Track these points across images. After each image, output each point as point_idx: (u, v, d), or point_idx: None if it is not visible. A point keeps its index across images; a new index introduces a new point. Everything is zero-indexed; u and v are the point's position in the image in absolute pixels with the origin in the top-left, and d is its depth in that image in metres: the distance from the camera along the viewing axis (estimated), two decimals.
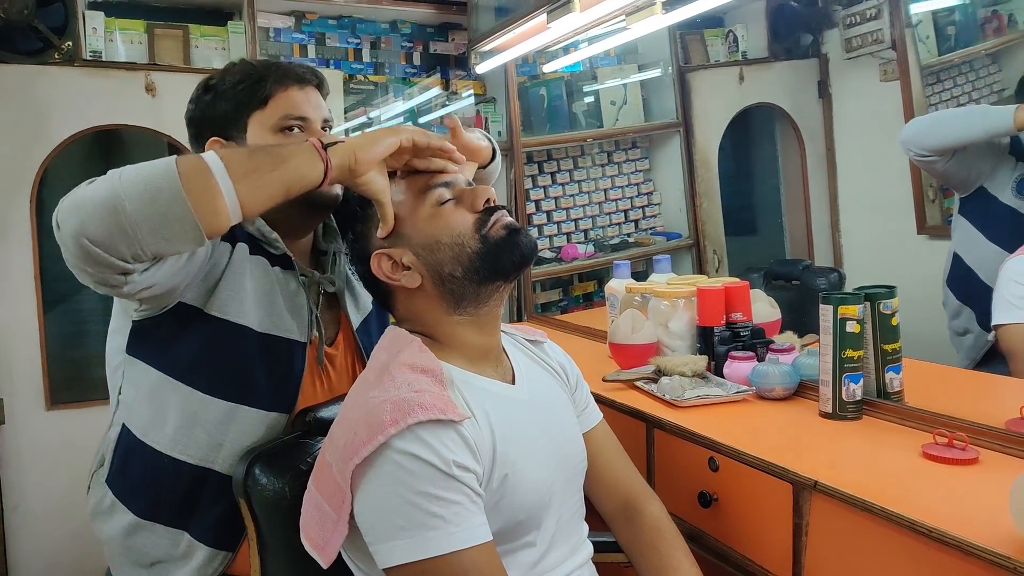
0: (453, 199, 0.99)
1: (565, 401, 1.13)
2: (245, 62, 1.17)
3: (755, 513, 1.17)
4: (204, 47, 2.45)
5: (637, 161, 3.20)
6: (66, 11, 2.15)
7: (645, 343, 1.68)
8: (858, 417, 1.32)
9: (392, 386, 0.90)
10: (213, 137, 1.13)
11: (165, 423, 1.08)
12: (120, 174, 0.84)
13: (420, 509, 0.83)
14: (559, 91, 2.93)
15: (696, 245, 3.12)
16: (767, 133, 3.48)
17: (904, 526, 0.92)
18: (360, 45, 2.68)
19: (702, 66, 3.12)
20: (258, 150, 0.98)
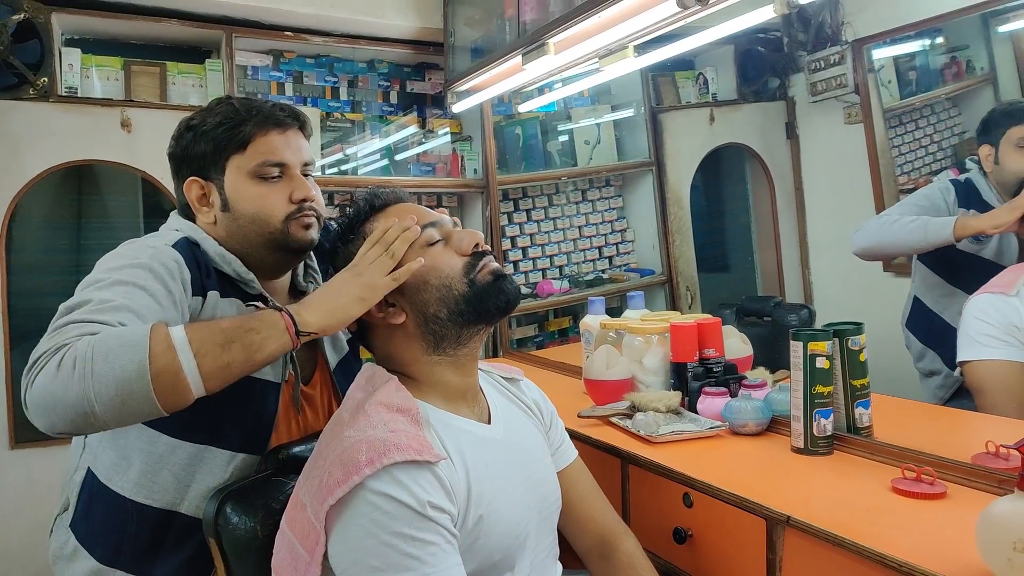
0: (442, 240, 1.00)
1: (540, 440, 1.14)
2: (227, 103, 1.16)
3: (729, 549, 1.17)
4: (181, 84, 2.46)
5: (611, 199, 3.25)
6: (42, 47, 2.16)
7: (620, 379, 1.69)
8: (829, 452, 1.33)
9: (368, 425, 0.89)
10: (192, 177, 1.13)
11: (129, 467, 1.07)
12: (92, 372, 0.81)
13: (395, 550, 0.83)
14: (534, 130, 2.98)
15: (669, 281, 3.16)
16: (738, 172, 3.57)
17: (875, 560, 0.93)
18: (337, 83, 2.71)
19: (674, 107, 3.20)
20: (233, 343, 0.90)
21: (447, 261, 0.98)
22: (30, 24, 2.13)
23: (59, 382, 0.81)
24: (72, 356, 0.82)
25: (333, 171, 2.69)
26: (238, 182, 1.11)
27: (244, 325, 0.92)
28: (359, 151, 2.73)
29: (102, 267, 0.99)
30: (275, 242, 1.12)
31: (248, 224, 1.11)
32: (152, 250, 1.02)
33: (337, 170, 2.70)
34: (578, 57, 1.94)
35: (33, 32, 2.14)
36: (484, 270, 0.99)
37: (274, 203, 1.11)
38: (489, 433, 1.02)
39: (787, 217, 3.37)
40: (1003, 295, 1.57)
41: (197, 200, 1.13)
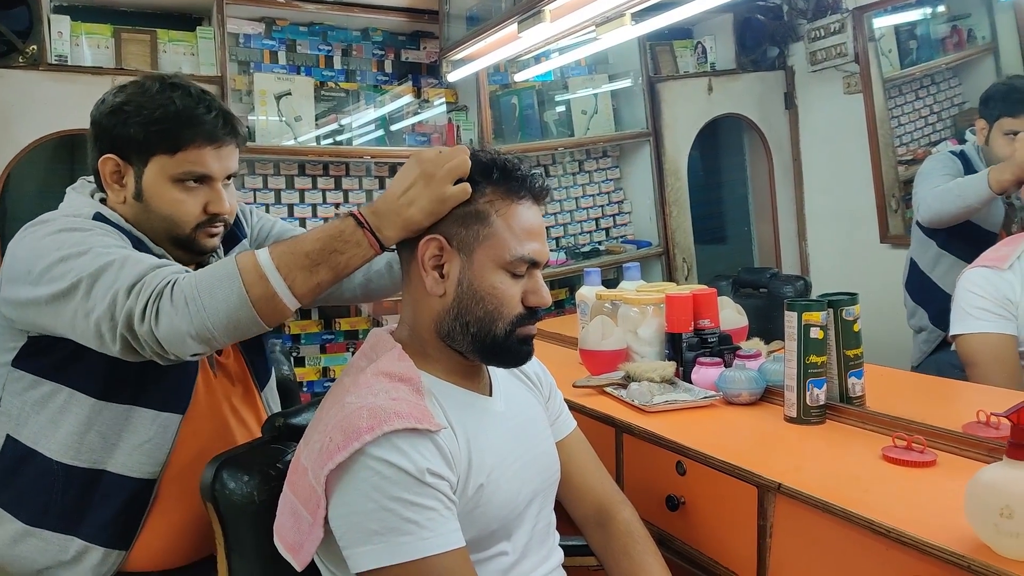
0: (524, 277, 0.98)
1: (540, 412, 1.14)
2: (168, 95, 1.12)
3: (721, 516, 1.19)
4: (172, 52, 2.44)
5: (608, 170, 3.24)
6: (31, 15, 2.13)
7: (614, 349, 1.70)
8: (821, 421, 1.34)
9: (369, 392, 0.90)
10: (109, 154, 1.12)
11: (57, 430, 1.11)
12: (203, 306, 0.94)
13: (394, 514, 0.84)
14: (531, 100, 2.96)
15: (666, 253, 3.16)
16: (735, 143, 3.55)
17: (864, 526, 0.94)
18: (331, 52, 2.69)
19: (671, 76, 3.17)
20: (319, 265, 0.97)
21: (509, 295, 0.96)
22: None
23: (181, 317, 0.94)
24: (181, 294, 0.95)
25: (328, 141, 2.67)
26: (158, 181, 1.12)
27: (329, 247, 0.97)
28: (353, 121, 2.71)
29: (69, 242, 1.02)
30: (180, 243, 1.16)
31: (158, 221, 1.14)
32: (87, 222, 1.08)
33: (332, 140, 2.68)
34: (574, 24, 1.92)
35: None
36: (525, 331, 0.99)
37: (188, 210, 1.13)
38: (490, 405, 1.03)
39: (784, 188, 3.36)
40: (997, 269, 1.58)
41: (110, 176, 1.13)
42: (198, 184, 1.13)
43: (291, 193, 2.62)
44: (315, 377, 2.67)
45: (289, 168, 2.61)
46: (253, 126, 2.52)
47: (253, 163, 2.54)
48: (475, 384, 1.03)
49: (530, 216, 0.98)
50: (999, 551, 0.82)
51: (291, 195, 2.62)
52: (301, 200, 2.63)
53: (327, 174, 2.67)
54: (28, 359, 1.12)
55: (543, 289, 0.99)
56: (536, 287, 0.99)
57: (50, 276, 1.01)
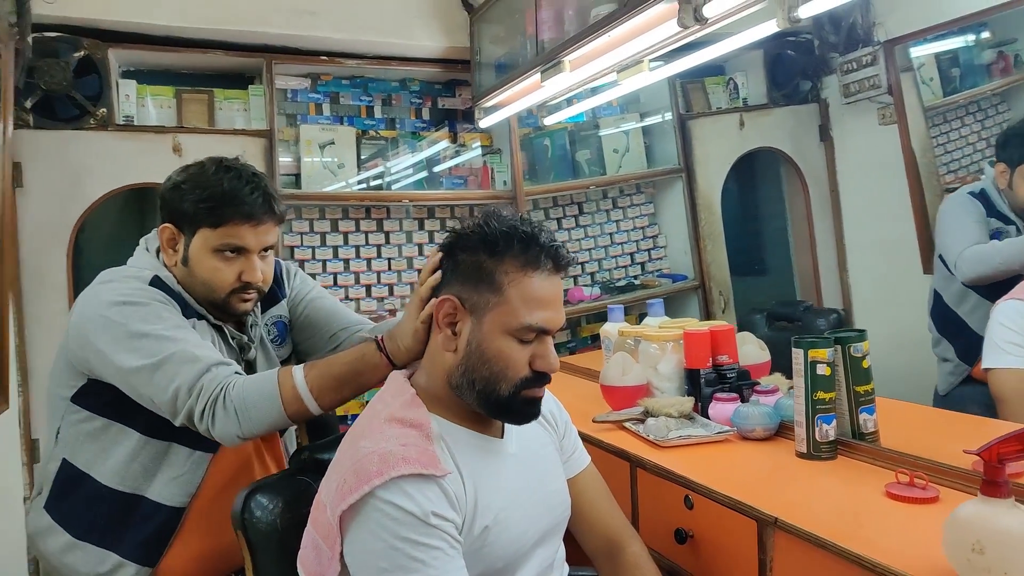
0: (532, 343, 1.03)
1: (552, 451, 1.19)
2: (217, 177, 1.28)
3: (726, 549, 1.23)
4: (227, 109, 2.62)
5: (642, 205, 3.30)
6: (101, 81, 2.33)
7: (634, 385, 1.75)
8: (832, 457, 1.37)
9: (381, 438, 0.97)
10: (167, 223, 1.31)
11: (108, 459, 1.28)
12: (248, 418, 1.17)
13: (401, 553, 0.91)
14: (563, 141, 3.05)
15: (702, 286, 3.19)
16: (773, 175, 3.56)
17: (852, 561, 0.98)
18: (372, 102, 2.84)
19: (702, 113, 3.23)
20: (345, 385, 1.20)
21: (515, 359, 1.02)
22: (89, 60, 2.31)
23: (232, 424, 1.17)
24: (232, 405, 1.16)
25: (370, 186, 2.81)
26: (201, 250, 1.29)
27: (354, 369, 1.19)
28: (393, 166, 2.85)
29: (134, 318, 1.21)
30: (216, 306, 1.33)
31: (199, 284, 1.31)
32: (146, 292, 1.26)
33: (373, 185, 2.82)
34: (593, 73, 2.01)
35: (92, 67, 2.32)
36: (531, 393, 1.04)
37: (224, 278, 1.29)
38: (501, 447, 1.09)
39: (823, 220, 3.36)
40: None
41: (166, 242, 1.31)
42: (235, 255, 1.28)
43: (335, 236, 2.76)
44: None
45: (333, 212, 2.76)
46: (300, 173, 2.68)
47: (300, 208, 2.70)
48: (487, 427, 1.08)
49: (544, 287, 1.02)
50: None
51: (336, 237, 2.76)
52: (345, 242, 2.77)
53: (369, 217, 2.81)
54: (85, 397, 1.28)
55: (551, 355, 1.04)
56: (544, 352, 1.04)
57: (119, 348, 1.19)
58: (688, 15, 1.49)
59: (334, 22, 2.52)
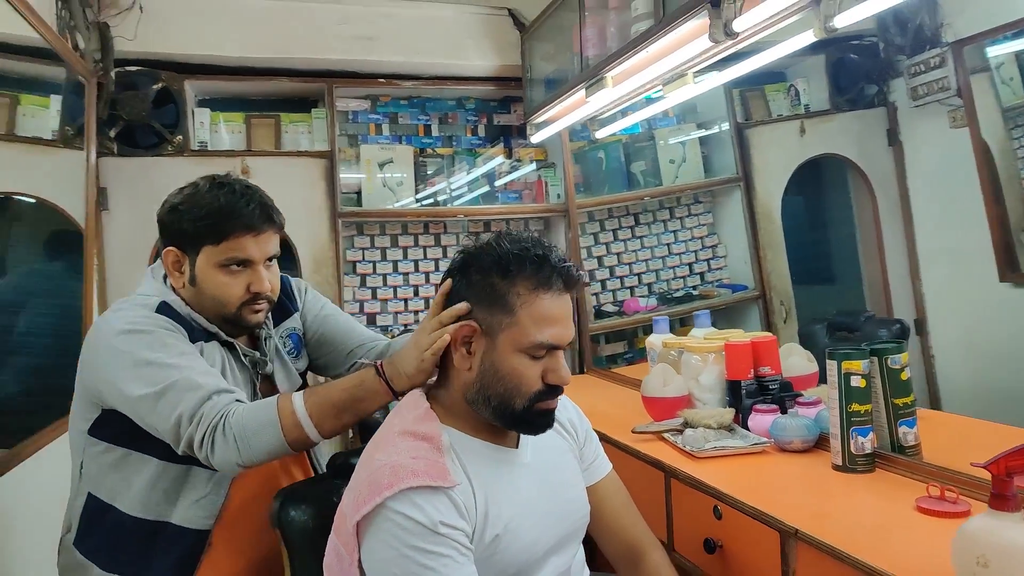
0: (544, 357, 1.07)
1: (570, 459, 1.22)
2: (214, 194, 1.27)
3: (753, 559, 1.23)
4: (293, 132, 2.77)
5: (700, 215, 3.27)
6: (178, 109, 2.51)
7: (675, 396, 1.76)
8: (870, 470, 1.35)
9: (394, 451, 1.02)
10: (170, 247, 1.29)
11: (130, 488, 1.26)
12: (248, 445, 1.15)
13: (412, 560, 0.96)
14: (617, 153, 3.07)
15: (763, 296, 3.13)
16: (839, 182, 3.47)
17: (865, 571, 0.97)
18: (429, 121, 2.94)
19: (760, 121, 3.18)
20: (345, 411, 1.20)
21: (528, 375, 1.06)
22: (167, 91, 2.49)
23: (231, 452, 1.15)
24: (231, 432, 1.15)
25: (428, 202, 2.91)
26: (206, 268, 1.27)
27: (353, 396, 1.19)
28: (450, 183, 2.94)
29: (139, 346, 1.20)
30: (228, 320, 1.31)
31: (209, 301, 1.29)
32: (152, 319, 1.24)
33: (431, 201, 2.92)
34: (635, 88, 2.03)
35: (170, 97, 2.50)
36: (544, 405, 1.09)
37: (233, 292, 1.28)
38: (515, 457, 1.12)
39: (892, 226, 3.24)
40: None
41: (172, 265, 1.30)
42: (241, 268, 1.28)
43: (395, 251, 2.87)
44: None
45: (393, 228, 2.87)
46: (361, 191, 2.80)
47: (361, 225, 2.82)
48: (501, 439, 1.12)
49: (554, 305, 1.06)
50: None
51: (395, 252, 2.87)
52: (404, 256, 2.88)
53: (427, 232, 2.90)
54: (102, 428, 1.27)
55: (562, 369, 1.08)
56: (555, 367, 1.07)
57: (126, 376, 1.18)
58: (719, 30, 1.51)
59: (391, 46, 2.63)
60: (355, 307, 2.78)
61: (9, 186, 2.07)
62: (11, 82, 2.15)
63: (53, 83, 2.20)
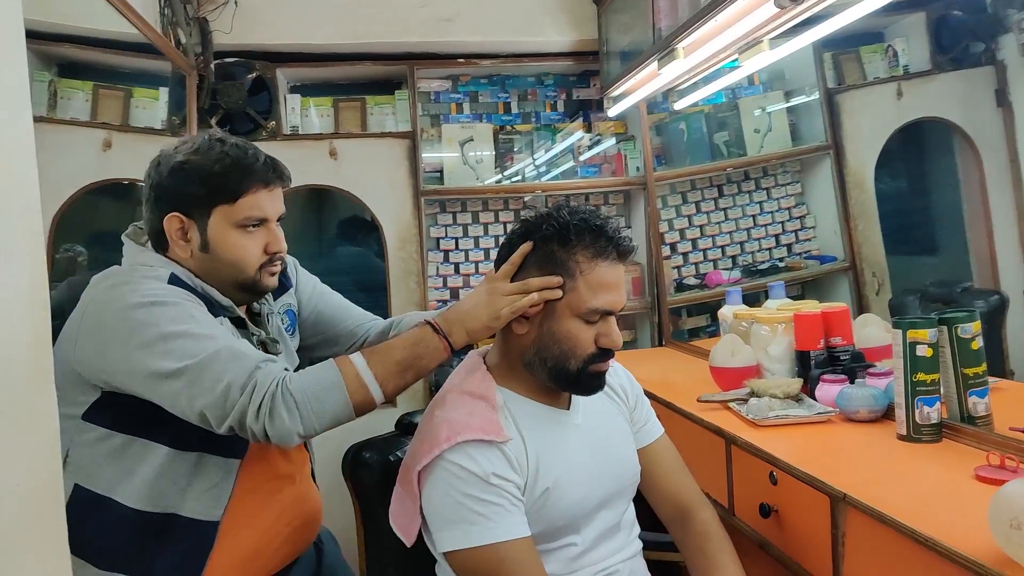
0: (598, 322, 1.13)
1: (620, 422, 1.27)
2: (221, 149, 1.18)
3: (804, 523, 1.24)
4: (378, 113, 2.89)
5: (788, 185, 3.18)
6: (270, 97, 2.68)
7: (742, 366, 1.76)
8: (936, 440, 1.32)
9: (452, 409, 1.12)
10: (174, 213, 1.18)
11: (132, 478, 1.15)
12: (313, 411, 1.07)
13: (466, 508, 1.04)
14: (699, 124, 3.03)
15: (853, 268, 3.02)
16: (942, 147, 3.28)
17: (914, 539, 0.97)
18: (509, 99, 2.99)
19: (852, 86, 3.05)
20: (407, 370, 1.14)
21: (582, 338, 1.12)
22: (260, 80, 2.66)
23: (293, 420, 1.06)
24: (291, 399, 1.06)
25: (509, 179, 2.97)
26: (222, 229, 1.18)
27: (414, 353, 1.14)
28: (529, 159, 2.99)
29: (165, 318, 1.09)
30: (245, 285, 1.22)
31: (225, 267, 1.20)
32: (170, 291, 1.15)
33: (509, 177, 2.98)
34: (706, 58, 2.01)
35: (263, 85, 2.66)
36: (597, 367, 1.14)
37: (252, 253, 1.20)
38: (566, 418, 1.19)
39: (1001, 193, 3.03)
40: None
41: (175, 234, 1.19)
42: (257, 227, 1.20)
43: (477, 227, 2.95)
44: None
45: (474, 205, 2.95)
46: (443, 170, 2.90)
47: (444, 203, 2.92)
48: (554, 400, 1.19)
49: (610, 273, 1.12)
50: (1015, 559, 0.83)
51: (477, 228, 2.95)
52: (485, 232, 2.96)
53: (507, 208, 2.97)
54: (100, 412, 1.15)
55: (614, 333, 1.13)
56: (608, 331, 1.13)
57: (151, 352, 1.07)
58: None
59: (469, 26, 2.69)
60: (438, 282, 2.89)
61: (127, 173, 2.28)
62: (125, 76, 2.36)
63: (161, 76, 2.40)
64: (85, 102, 2.22)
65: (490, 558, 1.03)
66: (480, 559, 1.04)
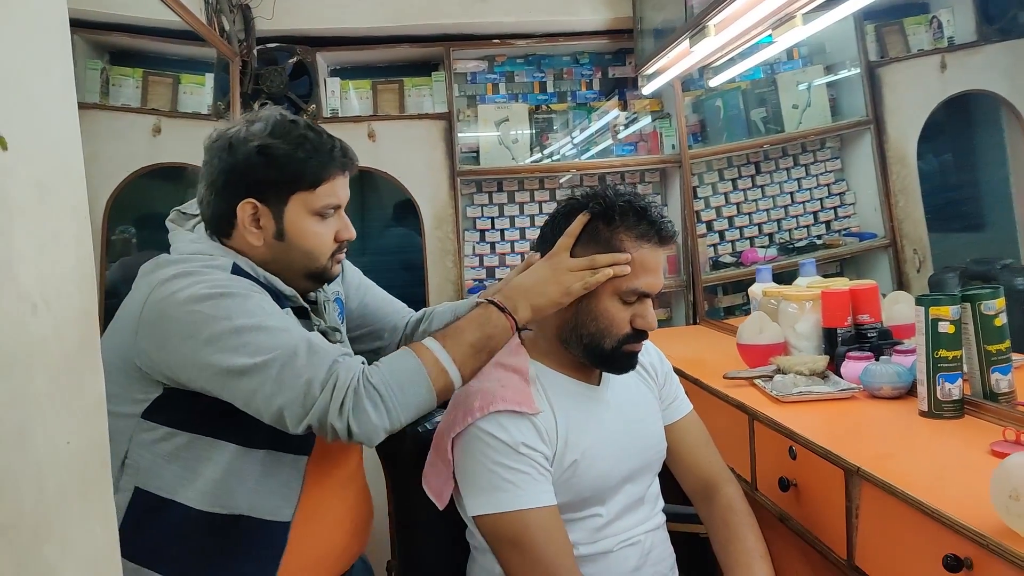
0: (634, 303, 1.17)
1: (649, 398, 1.31)
2: (296, 129, 1.13)
3: (821, 496, 1.27)
4: (415, 95, 2.95)
5: (827, 162, 3.14)
6: (311, 80, 2.76)
7: (769, 343, 1.78)
8: (958, 416, 1.33)
9: (486, 379, 1.16)
10: (248, 199, 1.12)
11: (196, 479, 1.08)
12: (398, 403, 1.03)
13: (496, 475, 1.10)
14: (735, 100, 3.01)
15: (893, 245, 2.98)
16: (988, 121, 3.19)
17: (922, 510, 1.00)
18: (545, 78, 3.02)
19: (894, 59, 2.98)
20: (481, 351, 1.11)
21: (619, 318, 1.16)
22: (301, 64, 2.73)
23: (379, 415, 1.02)
24: (376, 393, 1.02)
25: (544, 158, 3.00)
26: (300, 217, 1.13)
27: (485, 333, 1.11)
28: (564, 138, 3.01)
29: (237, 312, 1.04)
30: (314, 274, 1.19)
31: (298, 256, 1.15)
32: (236, 282, 1.09)
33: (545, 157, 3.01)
34: (738, 34, 2.01)
35: (303, 70, 2.74)
36: (631, 347, 1.18)
37: (325, 242, 1.17)
38: (595, 393, 1.23)
39: None
40: None
41: (247, 220, 1.12)
42: (332, 214, 1.16)
43: (512, 207, 3.00)
44: None
45: (510, 185, 2.99)
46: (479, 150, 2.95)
47: (480, 183, 2.96)
48: (585, 376, 1.24)
49: (650, 256, 1.16)
50: (1014, 529, 0.85)
51: (512, 208, 3.00)
52: (521, 212, 3.00)
53: (543, 187, 3.01)
54: (162, 410, 1.09)
55: (650, 315, 1.17)
56: (644, 312, 1.17)
57: (223, 347, 1.01)
58: None
59: (504, 7, 2.72)
60: (475, 261, 2.95)
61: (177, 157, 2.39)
62: (173, 63, 2.46)
63: (207, 62, 2.50)
64: (135, 89, 2.33)
65: (516, 523, 1.09)
66: (507, 524, 1.09)
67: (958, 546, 0.92)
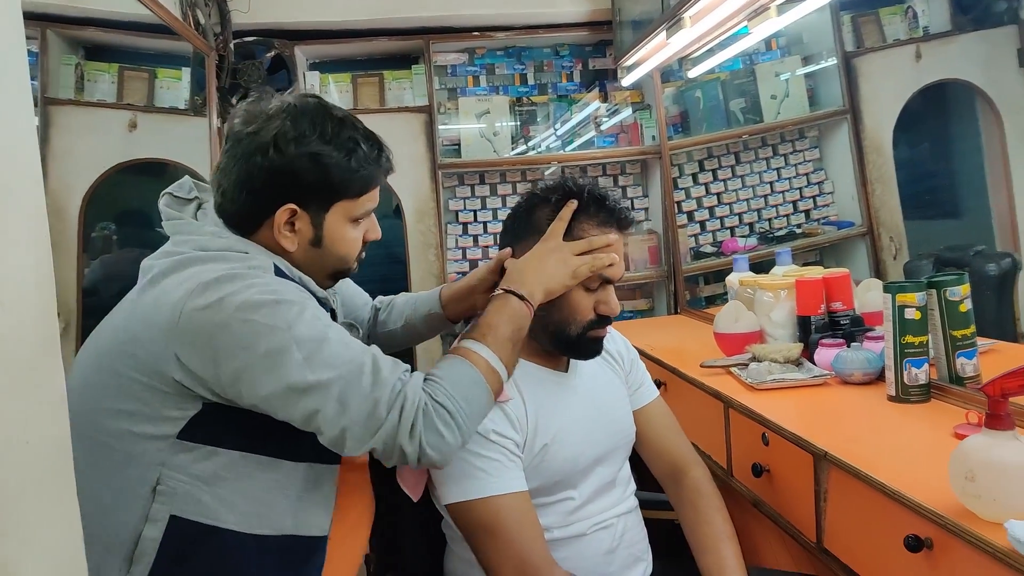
0: (597, 290, 1.19)
1: (616, 384, 1.34)
2: (350, 136, 1.06)
3: (791, 481, 1.29)
4: (396, 88, 2.95)
5: (805, 151, 3.17)
6: (289, 75, 2.75)
7: (745, 332, 1.81)
8: (924, 400, 1.36)
9: None
10: (289, 204, 1.04)
11: (239, 499, 1.00)
12: (467, 416, 0.99)
13: (466, 463, 1.11)
14: (715, 91, 3.03)
15: (870, 233, 3.02)
16: (962, 110, 3.23)
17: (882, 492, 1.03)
18: (525, 70, 3.02)
19: (870, 49, 3.01)
20: (516, 340, 1.09)
21: (583, 305, 1.18)
22: (279, 58, 2.72)
23: (452, 435, 0.97)
24: (444, 410, 0.97)
25: (526, 151, 3.01)
26: (340, 224, 1.08)
27: (516, 325, 1.09)
28: (545, 130, 3.02)
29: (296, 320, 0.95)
30: (340, 274, 1.15)
31: (332, 260, 1.11)
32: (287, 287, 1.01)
33: (531, 148, 3.02)
34: (713, 26, 2.02)
35: (282, 64, 2.73)
36: (595, 333, 1.20)
37: (357, 246, 1.13)
38: (565, 380, 1.25)
39: (1021, 156, 3.00)
40: None
41: (284, 225, 1.05)
42: (364, 218, 1.13)
43: (495, 199, 3.01)
44: None
45: (492, 177, 3.00)
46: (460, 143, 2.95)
47: (462, 175, 2.97)
48: (553, 363, 1.25)
49: (613, 244, 1.18)
50: (971, 509, 0.88)
51: (495, 200, 3.01)
52: (503, 204, 3.01)
53: (525, 179, 3.02)
54: (200, 428, 0.98)
55: (612, 301, 1.19)
56: (607, 298, 1.19)
57: (284, 361, 0.93)
58: None
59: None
60: (457, 254, 2.96)
61: (153, 152, 2.38)
62: (149, 58, 2.45)
63: (183, 57, 2.48)
64: (111, 84, 2.32)
65: (488, 510, 1.10)
66: (479, 511, 1.11)
67: (919, 527, 0.95)
